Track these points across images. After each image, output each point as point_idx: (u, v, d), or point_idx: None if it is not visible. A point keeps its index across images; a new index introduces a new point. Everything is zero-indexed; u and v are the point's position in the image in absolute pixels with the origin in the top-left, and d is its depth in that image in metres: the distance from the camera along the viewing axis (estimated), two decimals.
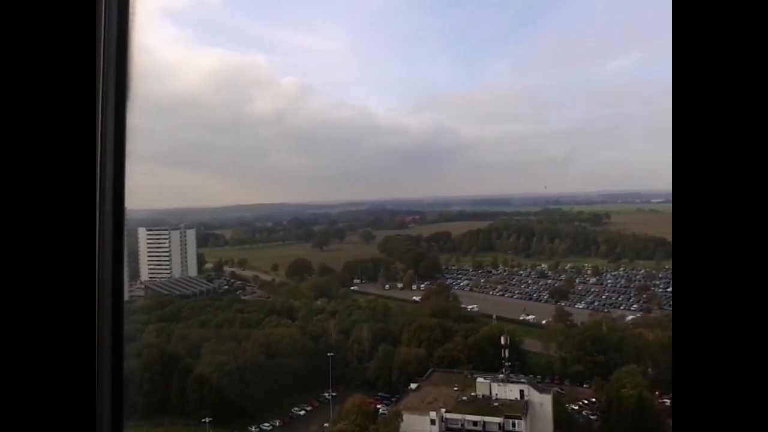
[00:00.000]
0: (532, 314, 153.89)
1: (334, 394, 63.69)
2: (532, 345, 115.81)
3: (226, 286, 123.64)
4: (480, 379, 61.46)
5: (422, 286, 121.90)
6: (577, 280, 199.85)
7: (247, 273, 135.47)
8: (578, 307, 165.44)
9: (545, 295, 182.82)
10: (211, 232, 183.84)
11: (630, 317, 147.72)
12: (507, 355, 68.97)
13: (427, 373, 64.15)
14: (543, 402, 63.85)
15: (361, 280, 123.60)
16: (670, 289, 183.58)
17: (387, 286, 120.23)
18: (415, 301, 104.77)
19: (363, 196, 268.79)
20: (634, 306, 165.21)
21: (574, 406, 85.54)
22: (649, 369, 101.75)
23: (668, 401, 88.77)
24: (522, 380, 66.58)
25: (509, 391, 63.04)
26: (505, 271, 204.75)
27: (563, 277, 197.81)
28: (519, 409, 61.13)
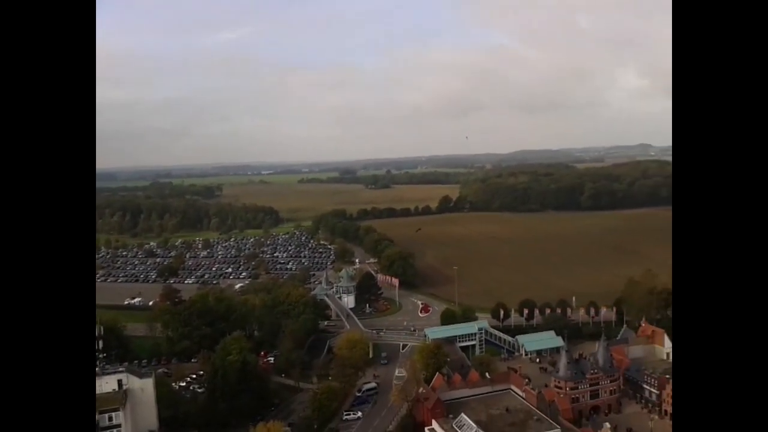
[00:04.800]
0: (139, 297, 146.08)
1: None
2: (137, 329, 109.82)
3: None
4: None
5: None
6: (187, 255, 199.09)
7: None
8: (188, 283, 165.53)
9: (154, 275, 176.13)
10: None
11: (239, 285, 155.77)
12: (101, 346, 63.08)
13: None
14: (144, 387, 60.99)
15: None
16: (276, 254, 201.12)
17: None
18: None
19: None
20: (243, 274, 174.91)
21: (181, 383, 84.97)
22: (255, 332, 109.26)
23: (272, 359, 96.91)
24: (120, 369, 62.01)
25: (106, 384, 58.18)
26: (108, 253, 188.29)
27: (173, 253, 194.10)
28: (117, 400, 57.11)
